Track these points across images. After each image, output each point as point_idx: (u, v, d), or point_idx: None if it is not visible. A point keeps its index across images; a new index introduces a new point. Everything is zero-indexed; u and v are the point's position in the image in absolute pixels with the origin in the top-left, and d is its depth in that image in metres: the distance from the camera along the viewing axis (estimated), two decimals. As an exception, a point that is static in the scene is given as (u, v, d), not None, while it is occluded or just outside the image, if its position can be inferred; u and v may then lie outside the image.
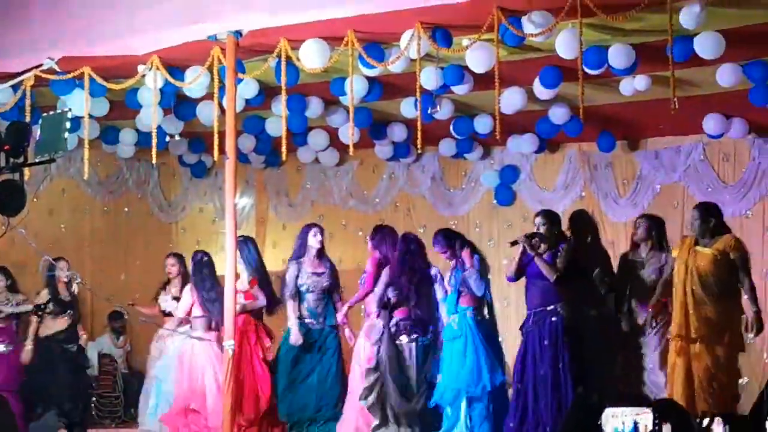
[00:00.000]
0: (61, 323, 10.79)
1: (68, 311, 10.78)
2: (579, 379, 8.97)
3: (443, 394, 9.42)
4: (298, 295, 10.25)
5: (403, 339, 9.47)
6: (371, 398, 9.44)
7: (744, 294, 8.76)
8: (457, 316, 9.57)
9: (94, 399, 11.93)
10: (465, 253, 9.60)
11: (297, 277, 10.26)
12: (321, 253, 10.37)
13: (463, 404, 9.37)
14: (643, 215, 10.01)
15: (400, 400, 9.35)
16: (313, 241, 10.32)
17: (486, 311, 9.70)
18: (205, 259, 10.23)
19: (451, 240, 9.75)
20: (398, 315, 9.52)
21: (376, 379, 9.45)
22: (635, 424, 4.28)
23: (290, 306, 10.17)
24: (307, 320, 10.21)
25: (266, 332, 10.05)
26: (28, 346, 10.74)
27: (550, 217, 9.51)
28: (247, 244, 10.12)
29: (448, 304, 9.61)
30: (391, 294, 9.50)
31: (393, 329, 9.48)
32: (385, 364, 9.41)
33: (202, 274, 10.12)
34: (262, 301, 10.00)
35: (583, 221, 9.71)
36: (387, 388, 9.39)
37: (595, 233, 9.72)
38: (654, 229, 9.56)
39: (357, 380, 9.76)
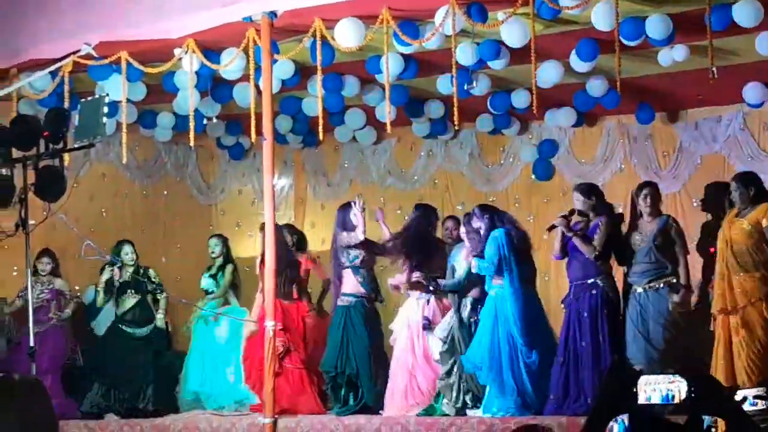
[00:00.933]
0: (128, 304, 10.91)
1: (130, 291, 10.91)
2: (618, 350, 8.96)
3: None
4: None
5: (473, 318, 9.51)
6: (452, 379, 9.47)
7: None
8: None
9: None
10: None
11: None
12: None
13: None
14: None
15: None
16: (355, 218, 10.31)
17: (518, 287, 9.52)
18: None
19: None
20: (473, 294, 9.53)
21: (453, 362, 9.48)
22: (669, 392, 4.25)
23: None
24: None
25: None
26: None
27: (586, 190, 9.44)
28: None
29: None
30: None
31: (467, 310, 9.50)
32: (459, 345, 9.44)
33: None
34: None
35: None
36: (462, 369, 9.44)
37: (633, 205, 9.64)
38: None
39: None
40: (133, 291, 10.91)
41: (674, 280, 9.10)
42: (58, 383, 10.78)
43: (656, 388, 4.22)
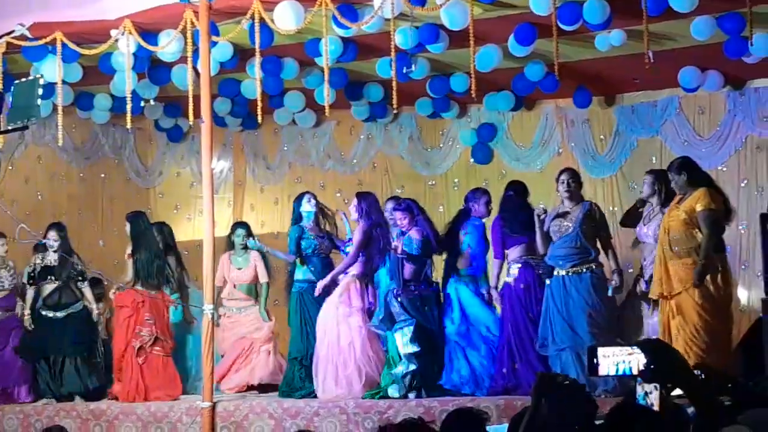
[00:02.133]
0: (48, 288, 10.68)
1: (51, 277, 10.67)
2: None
3: None
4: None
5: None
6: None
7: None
8: None
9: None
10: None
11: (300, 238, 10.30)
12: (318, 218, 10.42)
13: None
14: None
15: None
16: (308, 206, 10.32)
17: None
18: None
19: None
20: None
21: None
22: (629, 364, 4.32)
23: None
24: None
25: None
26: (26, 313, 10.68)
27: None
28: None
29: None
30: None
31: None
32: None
33: None
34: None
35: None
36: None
37: None
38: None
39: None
40: (53, 277, 10.66)
41: (595, 266, 9.23)
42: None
43: (615, 361, 4.29)
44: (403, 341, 9.43)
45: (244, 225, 11.21)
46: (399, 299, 9.48)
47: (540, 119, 12.17)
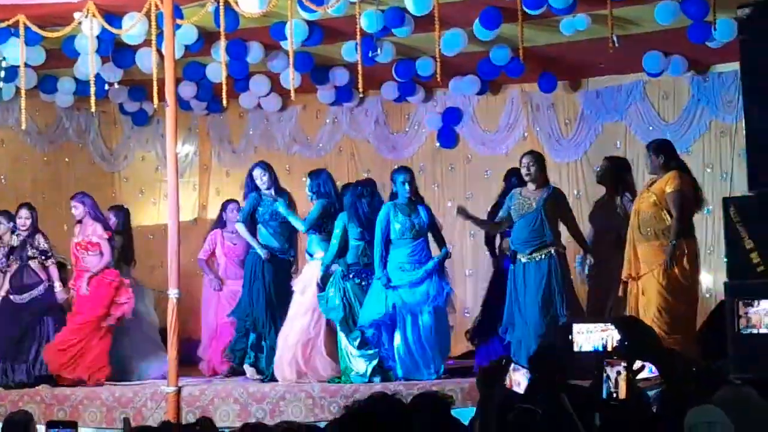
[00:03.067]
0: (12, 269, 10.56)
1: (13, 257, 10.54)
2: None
3: None
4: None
5: None
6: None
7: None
8: None
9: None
10: None
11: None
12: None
13: None
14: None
15: None
16: (259, 181, 10.42)
17: None
18: None
19: None
20: None
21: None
22: (603, 340, 4.37)
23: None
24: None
25: None
26: None
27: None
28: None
29: None
30: None
31: None
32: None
33: None
34: None
35: None
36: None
37: None
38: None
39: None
40: (17, 258, 10.55)
41: (554, 250, 9.27)
42: None
43: (589, 337, 4.33)
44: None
45: (236, 201, 11.41)
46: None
47: (505, 103, 12.19)
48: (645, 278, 8.85)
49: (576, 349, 4.41)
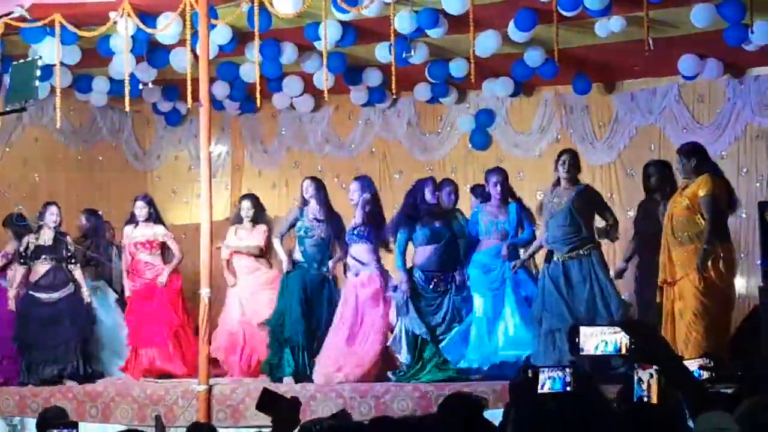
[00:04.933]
0: (42, 269, 10.60)
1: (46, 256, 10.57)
2: None
3: None
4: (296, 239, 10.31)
5: None
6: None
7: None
8: None
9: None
10: None
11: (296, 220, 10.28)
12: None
13: None
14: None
15: None
16: (305, 192, 10.26)
17: None
18: None
19: None
20: None
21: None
22: (616, 343, 4.31)
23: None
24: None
25: None
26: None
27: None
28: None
29: None
30: None
31: None
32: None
33: None
34: None
35: None
36: None
37: None
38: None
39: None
40: (47, 257, 10.59)
41: (589, 249, 9.25)
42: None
43: (599, 340, 4.28)
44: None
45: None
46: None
47: (539, 105, 12.14)
48: (681, 282, 8.79)
49: (584, 352, 4.35)
